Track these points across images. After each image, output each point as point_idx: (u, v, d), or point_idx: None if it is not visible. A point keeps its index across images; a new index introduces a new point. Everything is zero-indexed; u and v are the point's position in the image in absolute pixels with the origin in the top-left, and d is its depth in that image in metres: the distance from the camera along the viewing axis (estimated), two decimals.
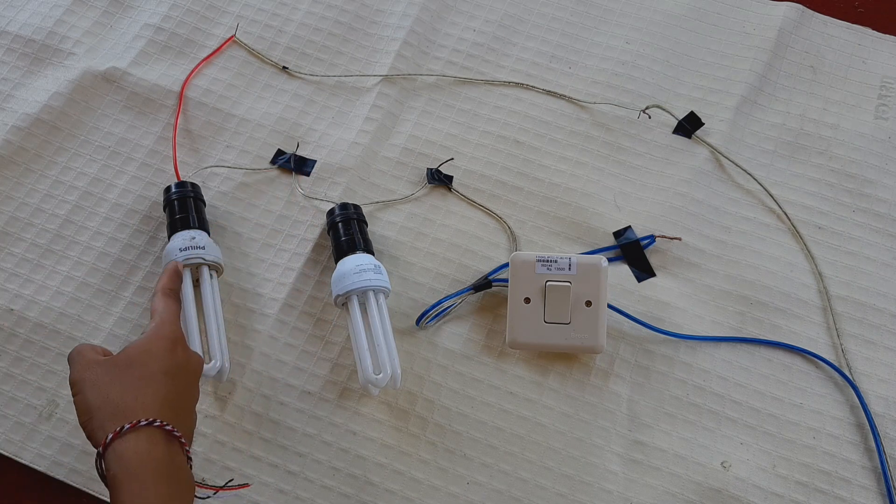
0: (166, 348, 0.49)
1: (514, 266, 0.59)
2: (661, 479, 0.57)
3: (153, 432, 0.44)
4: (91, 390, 0.46)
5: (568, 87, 0.71)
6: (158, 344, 0.49)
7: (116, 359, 0.48)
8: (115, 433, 0.43)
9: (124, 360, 0.47)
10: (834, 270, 0.64)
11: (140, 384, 0.46)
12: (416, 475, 0.57)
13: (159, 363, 0.48)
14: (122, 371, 0.47)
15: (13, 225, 0.65)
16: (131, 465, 0.42)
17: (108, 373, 0.46)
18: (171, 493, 0.43)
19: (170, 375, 0.48)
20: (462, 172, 0.67)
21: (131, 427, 0.43)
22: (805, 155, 0.68)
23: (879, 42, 0.73)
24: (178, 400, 0.48)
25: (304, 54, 0.72)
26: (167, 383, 0.47)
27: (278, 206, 0.66)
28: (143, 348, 0.48)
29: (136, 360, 0.47)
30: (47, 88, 0.69)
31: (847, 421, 0.59)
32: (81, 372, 0.47)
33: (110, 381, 0.46)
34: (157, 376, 0.47)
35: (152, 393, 0.46)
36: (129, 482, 0.42)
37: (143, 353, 0.48)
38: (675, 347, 0.61)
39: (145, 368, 0.47)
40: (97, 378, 0.46)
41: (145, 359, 0.48)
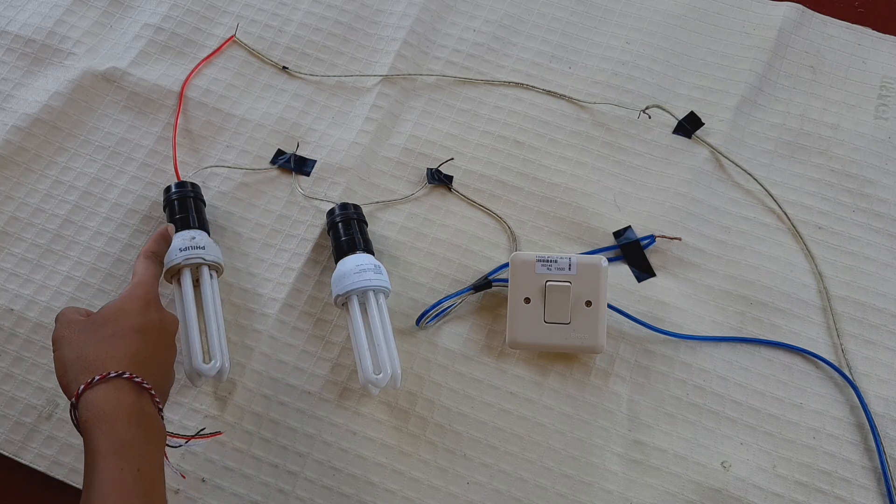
0: (139, 308, 0.51)
1: (514, 266, 0.59)
2: (661, 479, 0.57)
3: (122, 383, 0.46)
4: (67, 347, 0.48)
5: (568, 87, 0.71)
6: (132, 304, 0.51)
7: (92, 318, 0.50)
8: (86, 384, 0.45)
9: (99, 318, 0.50)
10: (834, 270, 0.64)
11: (112, 340, 0.48)
12: (416, 475, 0.57)
13: (131, 321, 0.50)
14: (97, 328, 0.49)
15: (13, 225, 0.65)
16: (102, 409, 0.45)
17: (84, 330, 0.49)
18: (139, 432, 0.45)
19: (141, 333, 0.50)
20: (462, 172, 0.67)
21: (101, 378, 0.46)
22: (805, 155, 0.68)
23: (879, 42, 0.73)
24: (149, 356, 0.50)
25: (304, 54, 0.72)
26: (138, 340, 0.49)
27: (278, 206, 0.66)
28: (116, 307, 0.51)
29: (109, 319, 0.50)
30: (47, 88, 0.69)
31: (847, 421, 0.59)
32: (61, 330, 0.49)
33: (85, 338, 0.48)
34: (128, 333, 0.49)
35: (123, 348, 0.48)
36: (101, 424, 0.44)
37: (116, 312, 0.50)
38: (675, 347, 0.61)
39: (118, 326, 0.49)
40: (73, 335, 0.49)
41: (118, 317, 0.50)
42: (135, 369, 0.47)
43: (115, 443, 0.44)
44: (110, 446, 0.44)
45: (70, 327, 0.49)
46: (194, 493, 0.56)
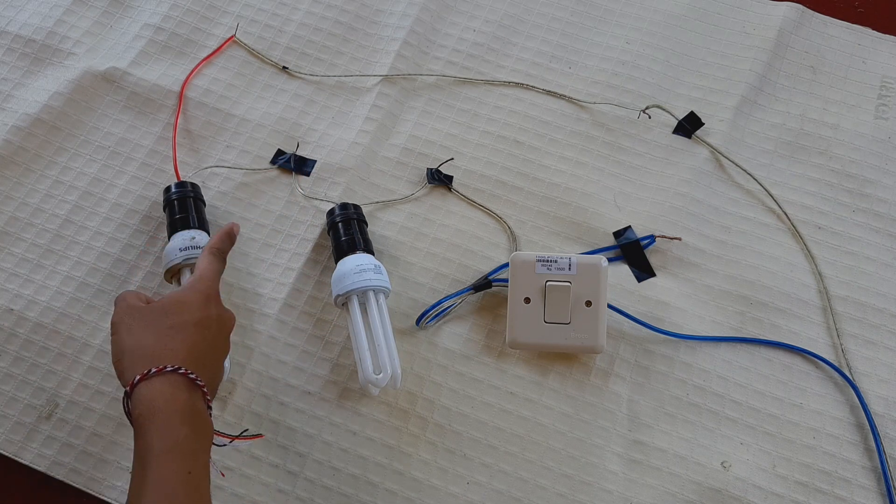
0: (200, 302, 0.51)
1: (514, 266, 0.59)
2: (661, 479, 0.57)
3: (177, 378, 0.46)
4: (126, 333, 0.48)
5: (568, 87, 0.71)
6: (193, 297, 0.51)
7: (153, 306, 0.50)
8: (142, 375, 0.45)
9: (160, 308, 0.50)
10: (834, 270, 0.64)
11: (171, 332, 0.49)
12: (416, 475, 0.57)
13: (191, 314, 0.50)
14: (157, 318, 0.49)
15: (13, 225, 0.65)
16: (155, 405, 0.45)
17: (143, 318, 0.49)
18: (192, 433, 0.45)
19: (200, 327, 0.50)
20: (462, 172, 0.67)
21: (157, 371, 0.46)
22: (805, 155, 0.68)
23: (879, 42, 0.73)
24: (205, 351, 0.50)
25: (304, 54, 0.72)
26: (196, 334, 0.49)
27: (278, 206, 0.66)
28: (178, 299, 0.51)
29: (170, 309, 0.50)
30: (47, 88, 0.69)
31: (847, 421, 0.59)
32: (120, 314, 0.50)
33: (145, 326, 0.49)
34: (187, 326, 0.49)
35: (181, 341, 0.48)
36: (153, 420, 0.44)
37: (177, 304, 0.50)
38: (675, 347, 0.61)
39: (178, 317, 0.49)
40: (133, 322, 0.49)
41: (179, 309, 0.50)
42: (190, 364, 0.47)
43: (168, 442, 0.44)
44: (163, 445, 0.44)
45: (131, 313, 0.49)
46: None
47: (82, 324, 0.61)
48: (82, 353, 0.60)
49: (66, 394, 0.59)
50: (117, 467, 0.57)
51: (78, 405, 0.59)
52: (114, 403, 0.59)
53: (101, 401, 0.59)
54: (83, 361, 0.60)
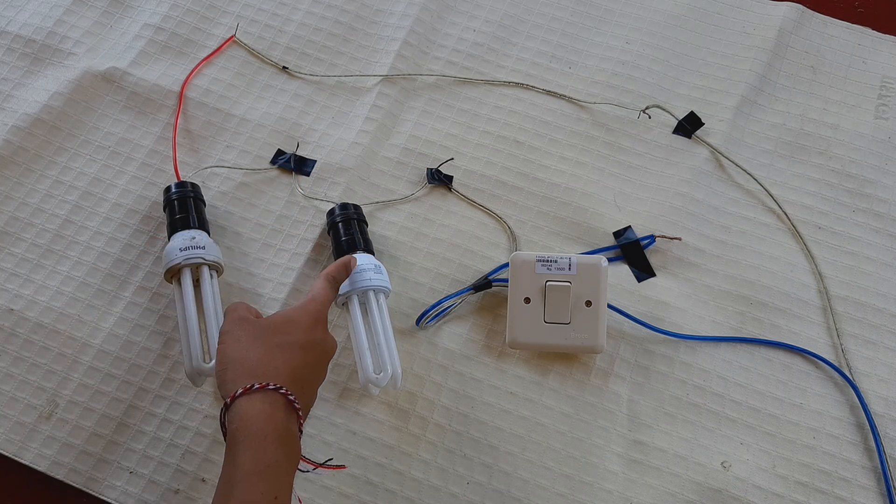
0: (309, 324, 0.51)
1: (514, 266, 0.59)
2: (661, 479, 0.57)
3: (277, 398, 0.46)
4: (234, 344, 0.49)
5: (568, 87, 0.71)
6: (303, 317, 0.51)
7: (263, 322, 0.51)
8: (244, 389, 0.45)
9: (269, 325, 0.50)
10: (834, 270, 0.64)
11: (277, 350, 0.49)
12: (417, 475, 0.57)
13: (298, 335, 0.50)
14: (265, 333, 0.50)
15: (13, 225, 0.65)
16: (253, 423, 0.45)
17: (252, 332, 0.49)
18: (283, 457, 0.45)
19: (305, 349, 0.50)
20: (462, 172, 0.67)
21: (260, 388, 0.46)
22: (805, 155, 0.68)
23: (879, 42, 0.73)
24: (305, 375, 0.50)
25: (304, 54, 0.72)
26: (300, 356, 0.49)
27: (278, 206, 0.66)
28: (288, 318, 0.51)
29: (279, 328, 0.50)
30: (47, 88, 0.69)
31: (847, 421, 0.59)
32: (230, 325, 0.50)
33: (252, 339, 0.49)
34: (293, 347, 0.49)
35: (285, 361, 0.48)
36: (248, 438, 0.44)
37: (286, 323, 0.51)
38: (675, 347, 0.61)
39: (285, 336, 0.50)
40: (243, 334, 0.49)
41: (288, 328, 0.50)
42: (290, 385, 0.47)
43: (260, 464, 0.44)
44: (255, 467, 0.43)
45: (241, 325, 0.50)
46: (194, 493, 0.56)
47: (82, 324, 0.61)
48: (82, 353, 0.60)
49: (66, 394, 0.59)
50: (117, 467, 0.57)
51: (78, 405, 0.59)
52: (114, 403, 0.59)
53: (101, 401, 0.59)
54: (83, 361, 0.60)
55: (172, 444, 0.57)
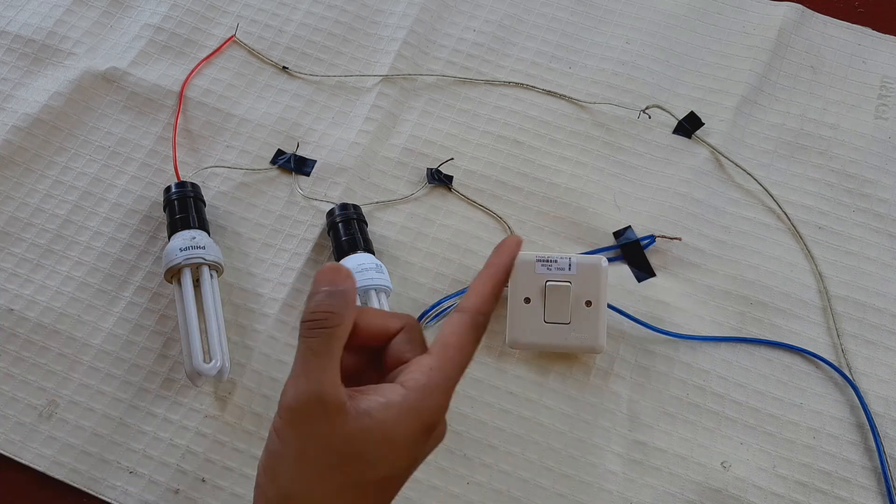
0: (413, 440, 0.34)
1: (514, 266, 0.59)
2: (661, 479, 0.57)
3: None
4: (295, 457, 0.34)
5: (568, 87, 0.71)
6: (407, 430, 0.34)
7: (347, 428, 0.33)
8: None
9: (354, 443, 0.33)
10: (834, 270, 0.64)
11: (349, 493, 0.34)
12: (416, 475, 0.57)
13: (390, 467, 0.34)
14: (341, 462, 0.33)
15: (13, 225, 0.65)
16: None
17: (327, 448, 0.33)
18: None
19: (394, 481, 0.35)
20: (462, 172, 0.67)
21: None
22: (805, 155, 0.68)
23: (879, 42, 0.73)
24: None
25: (304, 54, 0.72)
26: (382, 496, 0.35)
27: (278, 206, 0.66)
28: (384, 433, 0.34)
29: (364, 454, 0.34)
30: (47, 88, 0.69)
31: (847, 421, 0.59)
32: (304, 414, 0.33)
33: (323, 464, 0.33)
34: (375, 487, 0.35)
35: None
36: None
37: (378, 444, 0.34)
38: (675, 347, 0.61)
39: (369, 472, 0.34)
40: (311, 446, 0.33)
41: (377, 454, 0.34)
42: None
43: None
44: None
45: (313, 433, 0.33)
46: (194, 494, 0.56)
47: (82, 324, 0.61)
48: (82, 353, 0.60)
49: (66, 394, 0.59)
50: (117, 467, 0.57)
51: (78, 405, 0.59)
52: (114, 403, 0.59)
53: (101, 401, 0.59)
54: (83, 361, 0.60)
55: (172, 444, 0.57)
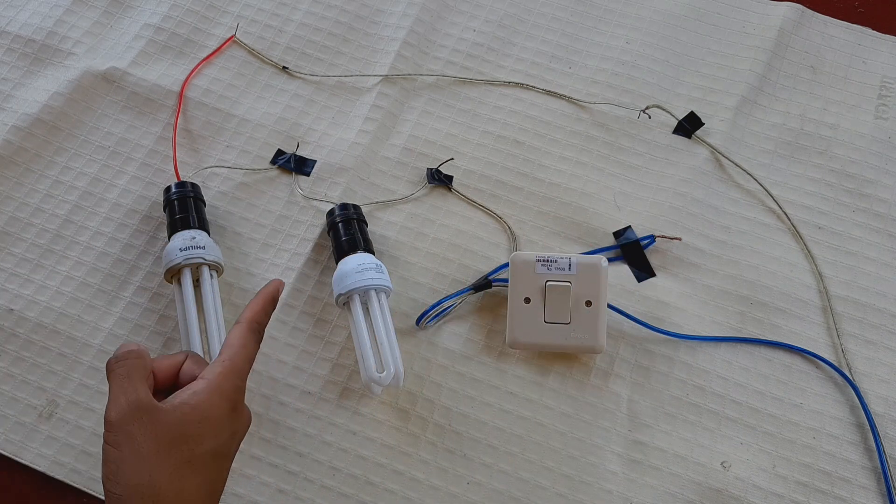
0: (226, 415, 0.40)
1: (514, 266, 0.59)
2: (661, 479, 0.57)
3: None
4: (131, 458, 0.38)
5: (568, 87, 0.71)
6: (219, 409, 0.40)
7: (169, 418, 0.39)
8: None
9: (178, 426, 0.39)
10: (834, 270, 0.64)
11: (187, 469, 0.38)
12: (416, 475, 0.57)
13: (215, 439, 0.40)
14: (173, 443, 0.39)
15: (13, 225, 0.65)
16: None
17: (156, 436, 0.39)
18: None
19: (222, 457, 0.41)
20: (462, 172, 0.67)
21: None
22: (805, 155, 0.68)
23: (879, 42, 0.73)
24: (221, 485, 0.41)
25: (304, 54, 0.72)
26: (217, 468, 0.40)
27: (278, 206, 0.66)
28: (202, 413, 0.40)
29: (187, 434, 0.39)
30: (47, 88, 0.69)
31: (847, 421, 0.59)
32: (126, 418, 0.39)
33: (155, 452, 0.38)
34: (208, 461, 0.40)
35: (199, 483, 0.39)
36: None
37: (200, 422, 0.39)
38: (675, 347, 0.61)
39: (199, 446, 0.39)
40: (142, 441, 0.38)
41: (201, 430, 0.39)
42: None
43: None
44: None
45: (140, 420, 0.38)
46: None
47: (82, 324, 0.61)
48: (82, 353, 0.60)
49: (66, 394, 0.59)
50: None
51: (78, 405, 0.59)
52: None
53: (101, 401, 0.59)
54: (83, 361, 0.60)
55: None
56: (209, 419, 0.40)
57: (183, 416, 0.39)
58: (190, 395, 0.40)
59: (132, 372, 0.40)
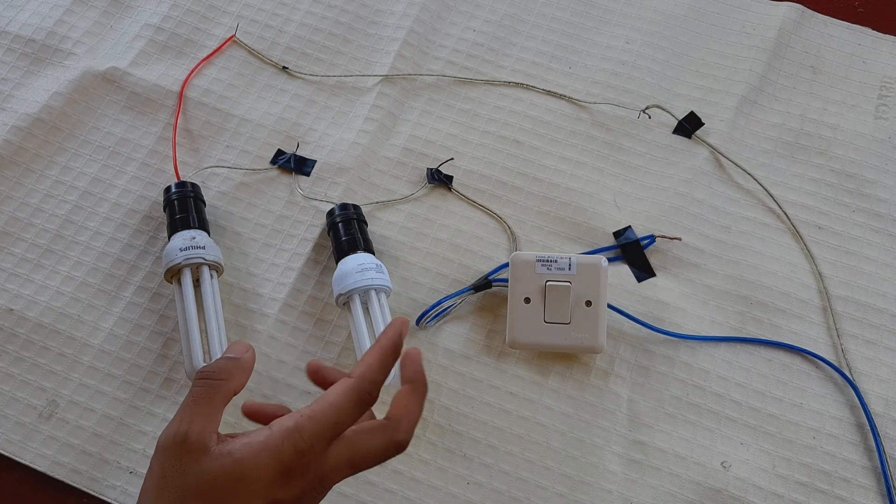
0: (266, 480, 0.34)
1: (514, 266, 0.59)
2: (661, 479, 0.57)
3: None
4: (154, 490, 0.35)
5: (568, 87, 0.71)
6: (262, 469, 0.34)
7: (204, 467, 0.35)
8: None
9: (208, 481, 0.34)
10: (834, 270, 0.64)
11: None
12: (416, 475, 0.57)
13: (245, 499, 0.34)
14: (195, 498, 0.34)
15: (13, 225, 0.65)
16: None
17: (182, 486, 0.35)
18: None
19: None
20: (462, 172, 0.67)
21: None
22: (805, 155, 0.68)
23: (879, 42, 0.73)
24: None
25: (304, 54, 0.72)
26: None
27: (278, 206, 0.66)
28: (238, 471, 0.34)
29: (215, 491, 0.34)
30: (47, 88, 0.69)
31: (847, 421, 0.59)
32: (168, 451, 0.35)
33: (176, 498, 0.34)
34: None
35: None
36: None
37: (231, 482, 0.34)
38: (675, 347, 0.61)
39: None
40: (169, 482, 0.34)
41: (226, 494, 0.34)
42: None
43: None
44: None
45: (178, 460, 0.34)
46: None
47: (82, 324, 0.61)
48: (82, 353, 0.60)
49: (66, 394, 0.59)
50: (117, 467, 0.57)
51: (78, 405, 0.59)
52: (114, 403, 0.59)
53: (101, 401, 0.59)
54: (83, 361, 0.60)
55: None
56: (245, 480, 0.34)
57: (221, 470, 0.35)
58: (241, 445, 0.35)
59: (207, 398, 0.37)
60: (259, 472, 0.34)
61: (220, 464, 0.35)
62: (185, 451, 0.35)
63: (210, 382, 0.38)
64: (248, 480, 0.34)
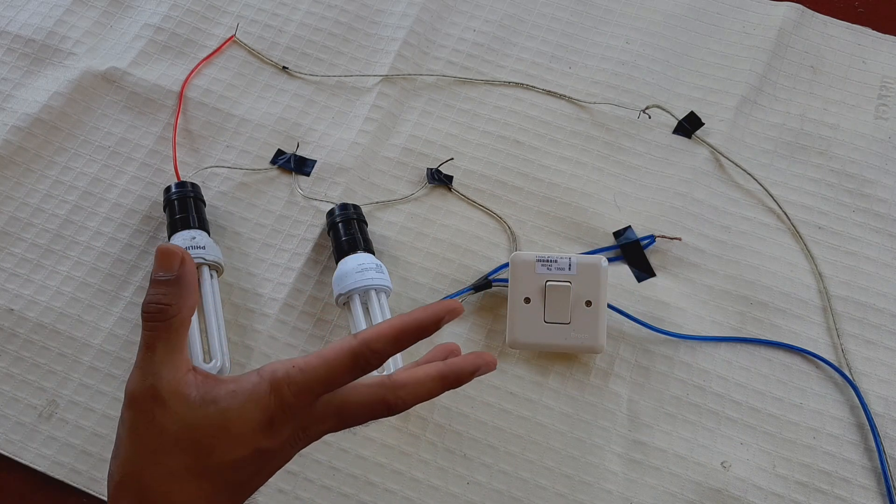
0: (252, 429, 0.33)
1: (514, 266, 0.59)
2: (661, 479, 0.57)
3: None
4: (129, 440, 0.34)
5: (568, 87, 0.71)
6: (247, 419, 0.33)
7: (184, 416, 0.33)
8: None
9: (188, 430, 0.33)
10: (834, 270, 0.64)
11: (183, 476, 0.33)
12: (416, 475, 0.57)
13: (227, 453, 0.33)
14: (173, 446, 0.33)
15: (13, 225, 0.65)
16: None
17: (159, 434, 0.33)
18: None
19: (244, 473, 0.34)
20: (462, 172, 0.67)
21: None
22: (805, 155, 0.68)
23: (879, 42, 0.73)
24: (227, 499, 0.34)
25: (304, 54, 0.72)
26: (222, 482, 0.33)
27: (278, 206, 0.66)
28: (222, 420, 0.33)
29: (198, 441, 0.33)
30: (47, 88, 0.69)
31: (847, 421, 0.59)
32: (139, 400, 0.33)
33: (153, 450, 0.33)
34: (212, 472, 0.33)
35: (192, 494, 0.33)
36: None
37: (216, 431, 0.33)
38: (675, 347, 0.61)
39: (205, 458, 0.33)
40: (144, 432, 0.33)
41: (212, 442, 0.33)
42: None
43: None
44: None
45: (152, 409, 0.33)
46: None
47: (82, 324, 0.61)
48: (82, 353, 0.60)
49: (66, 394, 0.59)
50: None
51: (78, 405, 0.59)
52: (114, 403, 0.59)
53: (101, 401, 0.59)
54: (83, 361, 0.60)
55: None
56: (230, 429, 0.33)
57: (204, 419, 0.33)
58: (227, 393, 0.34)
59: (162, 341, 0.34)
60: (244, 421, 0.33)
61: (203, 413, 0.33)
62: (157, 405, 0.33)
63: (159, 325, 0.35)
64: (232, 430, 0.33)
